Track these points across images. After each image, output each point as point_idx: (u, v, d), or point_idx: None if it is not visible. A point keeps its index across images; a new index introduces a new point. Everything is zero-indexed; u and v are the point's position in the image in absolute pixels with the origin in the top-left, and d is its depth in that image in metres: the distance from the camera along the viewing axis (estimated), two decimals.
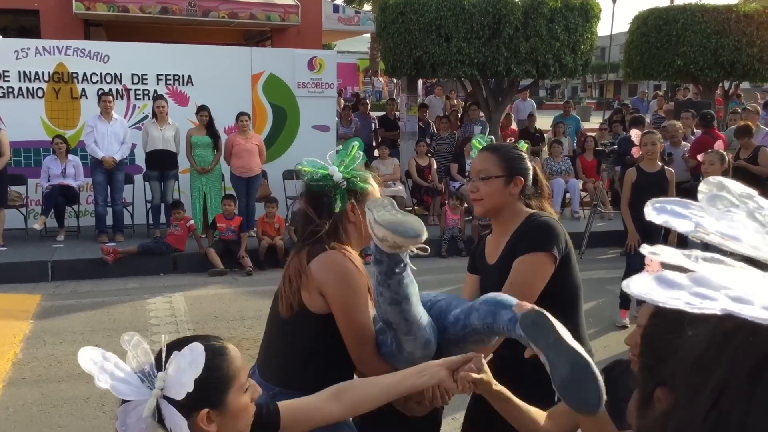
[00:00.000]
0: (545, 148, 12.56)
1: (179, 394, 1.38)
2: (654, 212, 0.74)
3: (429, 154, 11.10)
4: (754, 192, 0.76)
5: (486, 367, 1.91)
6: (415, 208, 10.97)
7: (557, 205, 10.63)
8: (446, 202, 10.05)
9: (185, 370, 1.39)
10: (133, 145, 9.45)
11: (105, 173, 9.06)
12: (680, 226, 0.71)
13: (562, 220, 10.96)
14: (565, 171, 11.36)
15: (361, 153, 2.39)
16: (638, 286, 0.65)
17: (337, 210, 2.28)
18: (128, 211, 9.58)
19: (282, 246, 8.48)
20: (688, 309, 0.61)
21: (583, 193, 11.52)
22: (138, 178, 9.69)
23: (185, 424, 1.39)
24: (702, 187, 0.76)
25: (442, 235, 9.41)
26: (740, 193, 0.75)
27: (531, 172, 2.56)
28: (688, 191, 7.79)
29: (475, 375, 1.85)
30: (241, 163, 9.31)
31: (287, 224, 9.03)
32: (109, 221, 9.20)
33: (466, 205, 10.09)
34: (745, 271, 0.66)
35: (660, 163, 6.57)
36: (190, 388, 1.39)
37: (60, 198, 9.02)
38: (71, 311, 6.67)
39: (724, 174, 6.39)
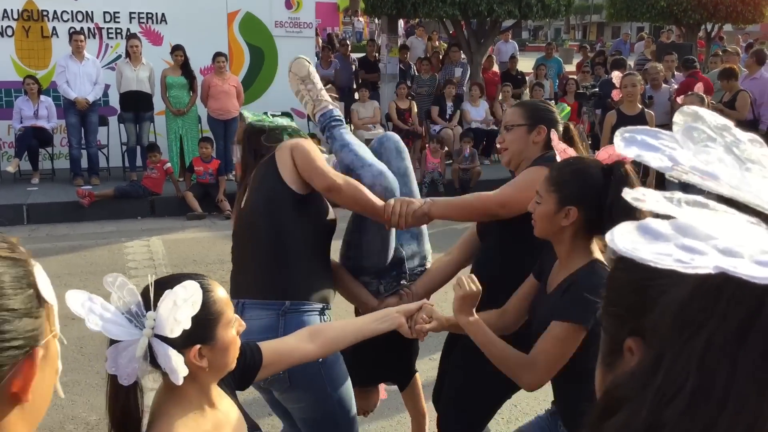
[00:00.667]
0: (527, 91, 12.47)
1: (175, 332, 1.37)
2: (623, 143, 0.69)
3: (409, 97, 10.97)
4: (730, 123, 0.71)
5: (436, 313, 2.20)
6: None
7: None
8: (427, 145, 9.99)
9: (180, 308, 1.38)
10: (107, 86, 9.23)
11: (78, 115, 8.88)
12: (654, 161, 0.67)
13: None
14: None
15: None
16: (623, 239, 0.61)
17: (285, 140, 2.59)
18: (103, 154, 9.42)
19: None
20: (681, 269, 0.57)
21: None
22: (112, 120, 9.51)
23: (182, 360, 1.39)
24: (677, 117, 0.71)
25: (423, 179, 9.38)
26: (716, 124, 0.70)
27: (560, 126, 2.53)
28: None
29: (427, 326, 2.14)
30: (218, 105, 9.16)
31: None
32: (84, 164, 9.06)
33: (446, 148, 10.05)
34: (729, 216, 0.63)
35: (640, 106, 6.56)
36: (187, 325, 1.38)
37: (33, 140, 8.84)
38: (48, 254, 6.60)
39: None
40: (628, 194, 0.65)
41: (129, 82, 8.97)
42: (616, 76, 7.53)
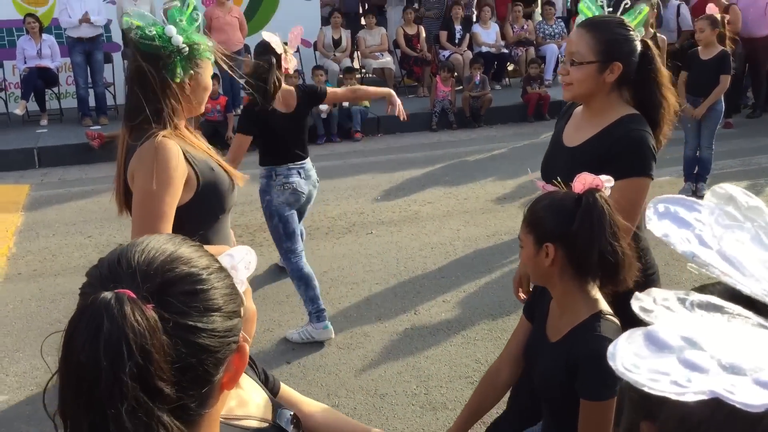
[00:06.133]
0: (538, 9, 12.11)
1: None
2: (656, 217, 0.69)
3: (417, 22, 10.70)
4: (761, 204, 0.71)
5: None
6: (405, 79, 10.72)
7: (549, 72, 10.38)
8: (437, 73, 9.80)
9: (241, 271, 1.39)
10: (109, 21, 9.07)
11: (83, 53, 8.76)
12: (680, 244, 0.68)
13: (554, 87, 10.55)
14: (558, 34, 11.01)
15: (200, 15, 2.16)
16: (623, 357, 0.60)
17: (177, 80, 2.08)
18: (110, 92, 9.34)
19: None
20: (674, 396, 0.57)
21: None
22: (117, 57, 9.38)
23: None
24: (708, 196, 0.71)
25: (432, 107, 9.26)
26: (747, 206, 0.71)
27: (636, 56, 2.20)
28: (676, 54, 7.54)
29: None
30: (222, 38, 8.95)
31: None
32: (92, 103, 9.00)
33: (456, 74, 9.87)
34: (741, 322, 0.63)
35: (651, 30, 6.36)
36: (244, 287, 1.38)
37: (39, 81, 8.77)
38: (61, 201, 6.66)
39: (719, 38, 6.15)
40: (636, 303, 0.64)
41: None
42: None
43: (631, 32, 2.24)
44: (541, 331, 2.01)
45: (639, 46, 2.22)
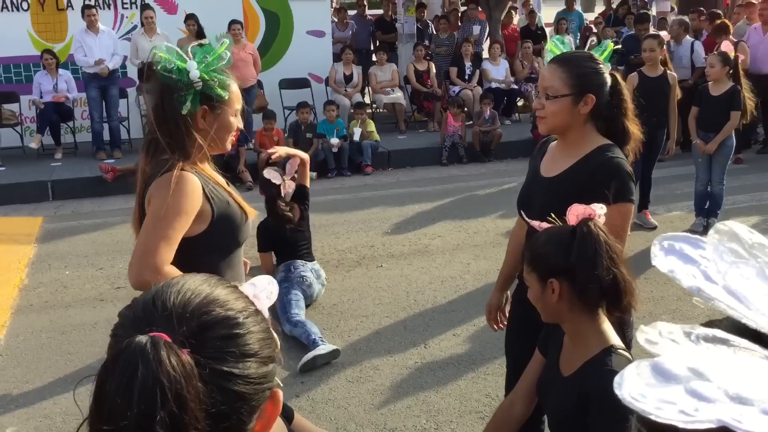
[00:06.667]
0: (547, 47, 12.19)
1: None
2: (662, 253, 0.70)
3: (427, 58, 10.82)
4: (765, 240, 0.72)
5: None
6: (415, 114, 10.81)
7: None
8: (446, 107, 9.88)
9: (263, 301, 1.39)
10: (125, 57, 9.23)
11: (99, 88, 8.91)
12: (686, 279, 0.68)
13: None
14: None
15: (229, 54, 2.19)
16: (630, 386, 0.60)
17: (184, 112, 2.12)
18: (124, 127, 9.45)
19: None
20: (680, 425, 0.57)
21: None
22: (132, 92, 9.52)
23: None
24: (712, 233, 0.72)
25: (443, 142, 9.31)
26: (751, 243, 0.72)
27: (606, 87, 2.31)
28: (688, 90, 7.60)
29: None
30: (235, 74, 9.00)
31: (285, 136, 8.94)
32: (106, 137, 9.11)
33: (466, 109, 9.95)
34: (747, 354, 0.63)
35: (662, 68, 6.41)
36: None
37: (54, 115, 8.89)
38: (74, 233, 6.71)
39: (733, 76, 6.14)
40: (641, 336, 0.65)
41: (145, 54, 8.93)
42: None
43: (600, 65, 2.34)
44: (554, 364, 2.00)
45: (609, 79, 2.32)
